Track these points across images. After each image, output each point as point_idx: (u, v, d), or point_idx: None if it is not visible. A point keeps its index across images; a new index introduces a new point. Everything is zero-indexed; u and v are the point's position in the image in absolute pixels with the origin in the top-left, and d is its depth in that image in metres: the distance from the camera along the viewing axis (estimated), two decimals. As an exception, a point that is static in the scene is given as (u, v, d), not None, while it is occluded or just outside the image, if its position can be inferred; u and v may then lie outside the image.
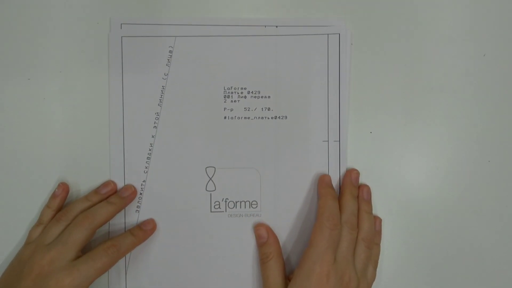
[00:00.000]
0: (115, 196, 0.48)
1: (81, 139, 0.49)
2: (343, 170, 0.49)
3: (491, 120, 0.49)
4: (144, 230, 0.48)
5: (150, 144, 0.49)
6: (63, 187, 0.48)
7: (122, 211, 0.49)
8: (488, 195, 0.49)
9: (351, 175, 0.49)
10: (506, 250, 0.49)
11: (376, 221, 0.49)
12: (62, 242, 0.44)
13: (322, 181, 0.48)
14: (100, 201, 0.48)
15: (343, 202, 0.47)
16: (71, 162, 0.49)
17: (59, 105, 0.49)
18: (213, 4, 0.50)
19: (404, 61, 0.49)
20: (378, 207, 0.50)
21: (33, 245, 0.45)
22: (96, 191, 0.48)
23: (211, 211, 0.49)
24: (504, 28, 0.49)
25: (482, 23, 0.49)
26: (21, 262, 0.45)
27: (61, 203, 0.48)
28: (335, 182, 0.49)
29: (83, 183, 0.49)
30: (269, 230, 0.48)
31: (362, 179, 0.50)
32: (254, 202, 0.50)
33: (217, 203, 0.49)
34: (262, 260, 0.47)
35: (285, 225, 0.49)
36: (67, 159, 0.49)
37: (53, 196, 0.48)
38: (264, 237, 0.48)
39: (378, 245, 0.49)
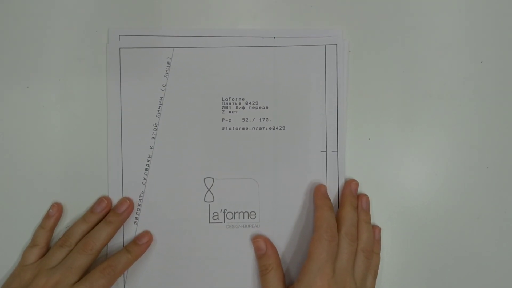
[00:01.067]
0: (111, 213, 0.48)
1: (80, 147, 0.49)
2: (341, 180, 0.49)
3: (489, 126, 0.49)
4: (139, 245, 0.48)
5: (148, 155, 0.49)
6: (57, 208, 0.48)
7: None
8: (487, 201, 0.49)
9: (350, 185, 0.48)
10: (506, 256, 0.49)
11: (375, 230, 0.49)
12: (67, 267, 0.45)
13: (318, 191, 0.48)
14: (98, 220, 0.48)
15: (343, 214, 0.47)
16: (70, 170, 0.49)
17: (58, 113, 0.49)
18: (211, 15, 0.50)
19: (402, 68, 0.50)
20: (377, 214, 0.50)
21: (35, 269, 0.45)
22: (92, 210, 0.48)
23: (209, 222, 0.49)
24: (501, 35, 0.50)
25: (479, 29, 0.49)
26: (21, 285, 0.45)
27: (55, 223, 0.48)
28: (333, 192, 0.49)
29: (81, 193, 0.49)
30: (267, 241, 0.48)
31: (361, 186, 0.50)
32: (252, 213, 0.49)
33: (216, 214, 0.49)
34: (262, 272, 0.47)
35: (284, 235, 0.49)
36: (65, 167, 0.49)
37: (47, 216, 0.48)
38: (262, 249, 0.48)
39: (377, 254, 0.48)
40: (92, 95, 0.49)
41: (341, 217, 0.47)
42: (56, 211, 0.48)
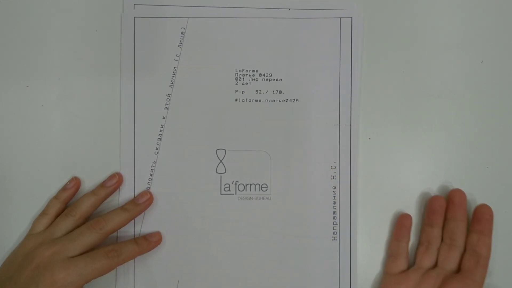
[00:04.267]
0: (130, 202, 0.48)
1: (80, 145, 0.49)
2: (354, 155, 0.49)
3: (489, 126, 0.49)
4: (149, 241, 0.47)
5: (161, 125, 0.49)
6: (75, 182, 0.48)
7: (132, 191, 0.49)
8: (487, 201, 0.48)
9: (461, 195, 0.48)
10: (505, 256, 0.49)
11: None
12: (70, 239, 0.44)
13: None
14: (107, 195, 0.48)
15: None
16: (70, 169, 0.49)
17: (58, 112, 0.49)
18: (226, -14, 0.49)
19: (403, 68, 0.49)
20: (377, 214, 0.49)
21: (39, 238, 0.45)
22: (103, 184, 0.48)
23: (221, 193, 0.49)
24: (502, 35, 0.49)
25: (479, 29, 0.49)
26: (24, 253, 0.45)
27: (70, 196, 0.48)
28: (346, 166, 0.49)
29: (86, 185, 0.49)
30: None
31: (361, 185, 0.49)
32: (264, 185, 0.49)
33: (227, 185, 0.49)
34: None
35: (295, 208, 0.49)
36: (65, 166, 0.49)
37: (64, 188, 0.48)
38: None
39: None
40: (92, 92, 0.49)
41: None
42: (74, 185, 0.48)
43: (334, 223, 0.49)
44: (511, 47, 0.49)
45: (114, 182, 0.48)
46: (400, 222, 0.48)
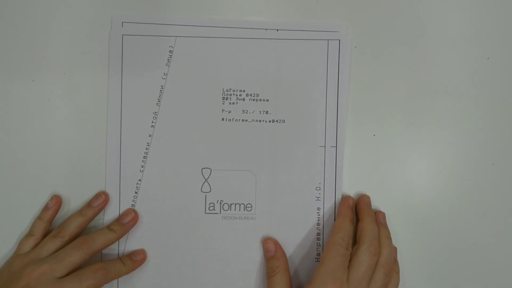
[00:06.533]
0: (116, 222, 0.48)
1: (83, 140, 0.49)
2: (339, 176, 0.49)
3: (495, 123, 0.49)
4: (134, 261, 0.47)
5: (147, 143, 0.49)
6: (56, 200, 0.48)
7: (117, 209, 0.49)
8: (492, 198, 0.49)
9: (364, 199, 0.49)
10: (510, 253, 0.49)
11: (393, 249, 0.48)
12: (57, 259, 0.44)
13: (346, 202, 0.48)
14: (94, 214, 0.48)
15: (364, 226, 0.46)
16: (75, 163, 0.49)
17: (63, 106, 0.49)
18: (215, 6, 0.50)
19: (409, 64, 0.49)
20: (382, 210, 0.50)
21: (26, 258, 0.45)
22: (89, 204, 0.48)
23: (205, 212, 0.49)
24: (508, 32, 0.49)
25: (486, 26, 0.49)
26: (10, 273, 0.44)
27: (53, 215, 0.48)
28: (330, 188, 0.49)
29: (85, 184, 0.49)
30: (277, 244, 0.48)
31: (366, 183, 0.49)
32: (249, 205, 0.49)
33: (212, 204, 0.49)
34: (268, 274, 0.46)
35: (279, 229, 0.49)
36: (70, 160, 0.49)
37: (45, 208, 0.48)
38: (272, 251, 0.48)
39: (397, 273, 0.47)
40: (97, 87, 0.49)
41: (362, 229, 0.46)
42: (55, 203, 0.48)
43: (318, 244, 0.49)
44: (517, 44, 0.49)
45: (101, 202, 0.48)
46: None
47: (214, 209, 0.49)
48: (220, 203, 0.49)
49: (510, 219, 0.49)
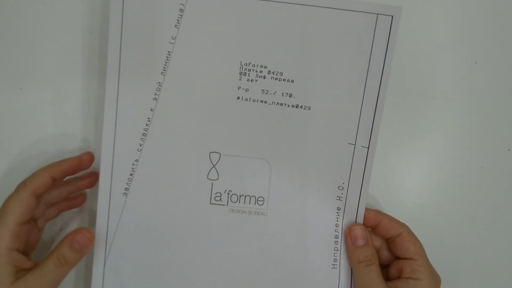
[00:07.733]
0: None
1: (74, 148, 0.47)
2: (366, 181, 0.43)
3: (483, 126, 0.49)
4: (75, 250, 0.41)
5: (148, 118, 0.43)
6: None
7: (107, 192, 0.43)
8: (482, 201, 0.49)
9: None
10: (500, 256, 0.49)
11: None
12: None
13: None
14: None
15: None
16: None
17: (51, 114, 0.47)
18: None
19: (396, 68, 0.47)
20: None
21: None
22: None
23: (210, 203, 0.43)
24: (496, 35, 0.48)
25: (473, 30, 0.48)
26: None
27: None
28: (355, 190, 0.43)
29: None
30: (366, 231, 0.44)
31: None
32: (260, 198, 0.44)
33: (219, 194, 0.43)
34: (365, 263, 0.42)
35: (292, 228, 0.44)
36: None
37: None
38: (366, 238, 0.43)
39: None
40: (86, 95, 0.47)
41: None
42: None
43: (336, 248, 0.44)
44: (505, 48, 0.48)
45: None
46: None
47: (220, 199, 0.43)
48: (228, 194, 0.43)
49: (500, 222, 0.49)
